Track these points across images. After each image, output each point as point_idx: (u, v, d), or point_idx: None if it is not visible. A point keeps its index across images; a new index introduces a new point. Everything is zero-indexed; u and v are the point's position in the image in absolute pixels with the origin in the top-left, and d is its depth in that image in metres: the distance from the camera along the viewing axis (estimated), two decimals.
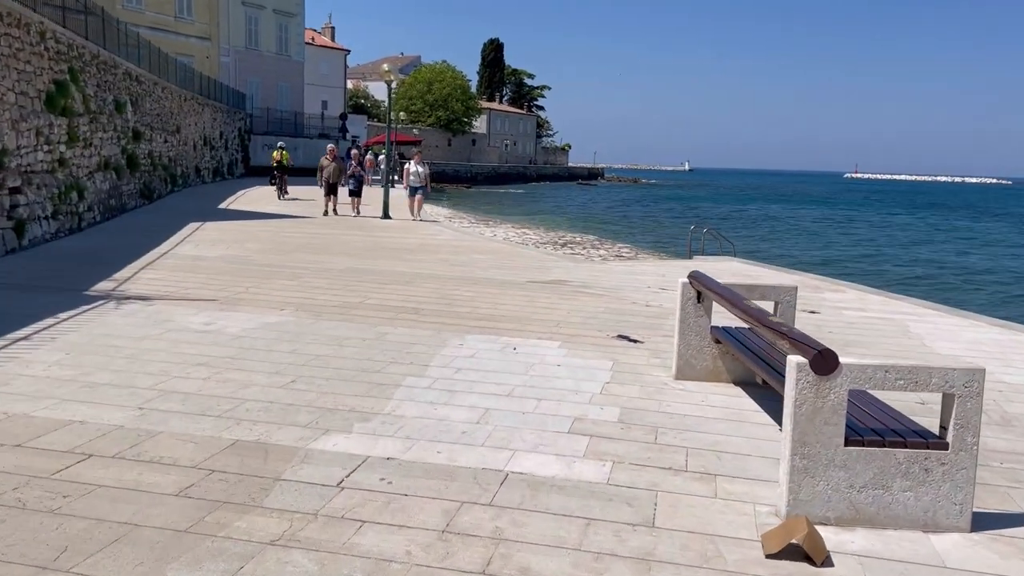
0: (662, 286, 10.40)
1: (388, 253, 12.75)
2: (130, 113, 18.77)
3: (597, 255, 17.63)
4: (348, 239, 14.52)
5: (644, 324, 7.81)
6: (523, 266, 12.04)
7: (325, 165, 19.61)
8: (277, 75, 49.68)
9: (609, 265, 12.78)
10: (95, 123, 14.83)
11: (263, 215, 18.75)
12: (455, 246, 14.44)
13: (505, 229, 24.83)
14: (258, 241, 13.42)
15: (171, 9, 36.88)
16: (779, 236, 32.98)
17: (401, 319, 7.43)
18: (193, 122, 29.67)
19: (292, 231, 15.43)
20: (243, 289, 8.67)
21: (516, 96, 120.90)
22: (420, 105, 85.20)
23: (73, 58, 13.97)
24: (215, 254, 11.54)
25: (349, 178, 19.91)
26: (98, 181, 14.79)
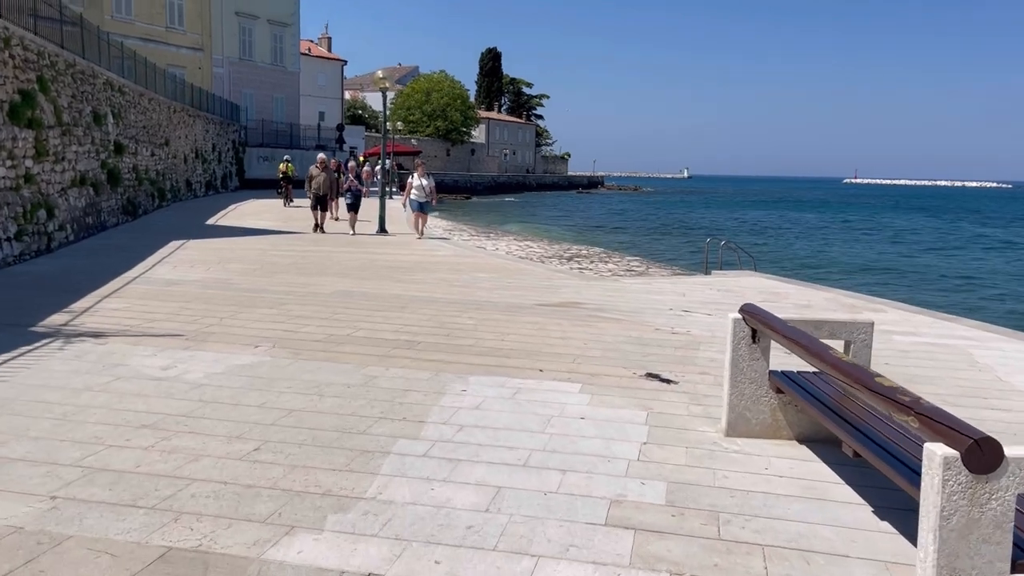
0: (685, 307, 9.39)
1: (383, 273, 11.75)
2: (111, 125, 17.81)
3: (606, 270, 16.62)
4: (340, 257, 13.52)
5: (673, 357, 6.80)
6: (530, 285, 11.03)
7: (314, 175, 18.14)
8: (272, 86, 48.83)
9: (623, 283, 11.77)
10: (68, 136, 13.85)
11: (252, 231, 17.76)
12: (455, 263, 13.44)
13: (507, 242, 23.82)
14: (242, 261, 12.42)
15: (162, 20, 36.01)
16: (792, 244, 31.99)
17: (394, 356, 6.41)
18: (184, 134, 28.74)
19: (281, 249, 14.43)
20: (216, 320, 7.65)
21: (515, 105, 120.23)
22: (418, 115, 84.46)
23: (44, 67, 13.01)
24: (193, 277, 10.54)
25: (346, 191, 18.39)
26: (72, 198, 13.80)
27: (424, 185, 17.18)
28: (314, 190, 18.00)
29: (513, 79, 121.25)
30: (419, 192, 17.27)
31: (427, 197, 17.32)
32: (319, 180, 17.98)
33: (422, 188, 17.22)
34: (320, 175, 18.03)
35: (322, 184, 18.00)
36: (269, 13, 47.40)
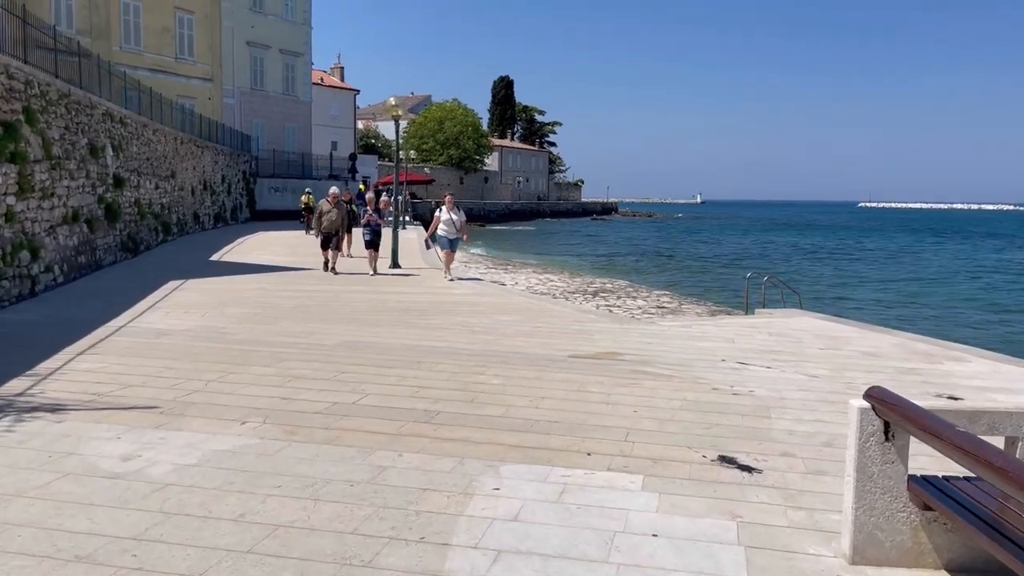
0: (739, 359, 8.24)
1: (395, 316, 10.66)
2: (110, 158, 16.93)
3: (636, 307, 15.47)
4: (349, 298, 12.45)
5: (743, 428, 5.65)
6: (559, 330, 9.91)
7: (325, 211, 15.96)
8: (284, 116, 48.28)
9: (661, 326, 10.62)
10: (59, 170, 12.93)
11: (257, 267, 16.76)
12: (474, 303, 12.34)
13: (526, 275, 22.71)
14: (243, 304, 11.37)
15: (171, 50, 35.49)
16: (824, 272, 30.70)
17: (408, 435, 5.29)
18: (191, 166, 27.96)
19: (286, 288, 13.40)
20: (201, 385, 6.57)
21: (527, 133, 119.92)
22: (431, 144, 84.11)
23: (32, 97, 12.12)
24: (185, 325, 9.48)
25: (364, 227, 16.19)
26: (61, 236, 12.84)
27: (454, 220, 15.16)
28: (324, 228, 16.02)
29: (526, 107, 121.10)
30: (448, 227, 15.21)
31: (457, 233, 15.31)
32: (331, 217, 15.95)
33: (451, 223, 15.18)
34: (332, 211, 15.96)
35: (334, 221, 15.99)
36: (281, 43, 46.98)
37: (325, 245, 16.16)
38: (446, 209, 15.39)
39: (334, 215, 15.94)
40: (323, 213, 16.03)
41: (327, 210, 16.01)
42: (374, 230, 15.99)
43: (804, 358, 8.45)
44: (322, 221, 15.96)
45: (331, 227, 15.98)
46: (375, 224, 16.06)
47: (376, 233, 16.01)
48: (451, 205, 15.49)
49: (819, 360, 8.35)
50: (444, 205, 15.56)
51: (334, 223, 15.97)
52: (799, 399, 6.64)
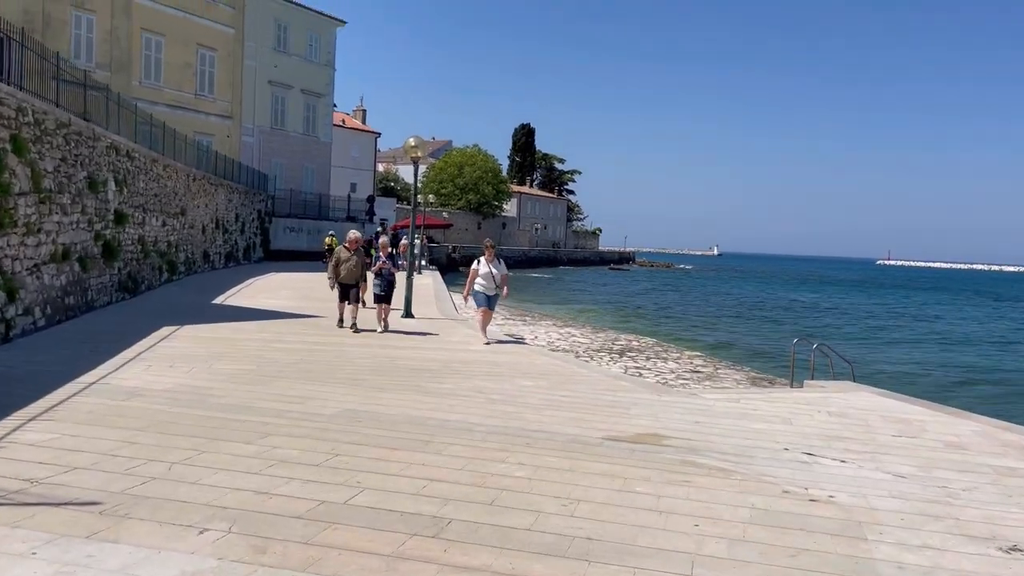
0: (804, 446, 7.00)
1: (404, 377, 9.50)
2: (112, 192, 16.05)
3: (669, 371, 14.22)
4: (355, 353, 11.31)
5: (840, 558, 4.42)
6: (589, 401, 8.71)
7: (344, 258, 13.53)
8: (303, 156, 47.89)
9: (705, 401, 9.38)
10: (48, 204, 11.99)
11: (261, 313, 15.70)
12: (492, 363, 11.16)
13: (547, 328, 21.50)
14: (236, 358, 10.25)
15: (192, 87, 35.13)
16: (867, 335, 29.28)
17: (409, 559, 4.09)
18: (203, 203, 27.21)
19: (288, 339, 12.29)
20: (163, 469, 5.40)
21: (547, 180, 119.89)
22: (450, 188, 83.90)
23: (24, 125, 11.23)
24: (165, 383, 8.35)
25: (377, 275, 14.12)
26: (47, 276, 11.84)
27: (494, 273, 13.11)
28: (343, 278, 13.60)
29: (546, 154, 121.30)
30: (487, 282, 13.11)
31: (496, 288, 13.26)
32: (350, 265, 13.55)
33: (490, 276, 13.11)
34: (351, 259, 13.58)
35: (352, 269, 13.59)
36: (303, 83, 46.80)
37: (343, 298, 13.79)
38: (485, 260, 13.23)
39: (353, 263, 13.56)
40: (340, 261, 13.55)
41: (345, 257, 13.56)
42: (388, 280, 14.03)
43: (879, 448, 7.20)
44: (339, 270, 13.53)
45: (350, 278, 13.59)
46: (388, 273, 14.07)
47: (390, 284, 14.04)
48: (492, 255, 13.24)
49: (898, 452, 7.08)
50: (483, 256, 13.33)
51: (353, 273, 13.61)
52: (894, 511, 5.38)
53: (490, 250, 13.31)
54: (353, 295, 13.71)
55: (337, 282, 13.61)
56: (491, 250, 13.31)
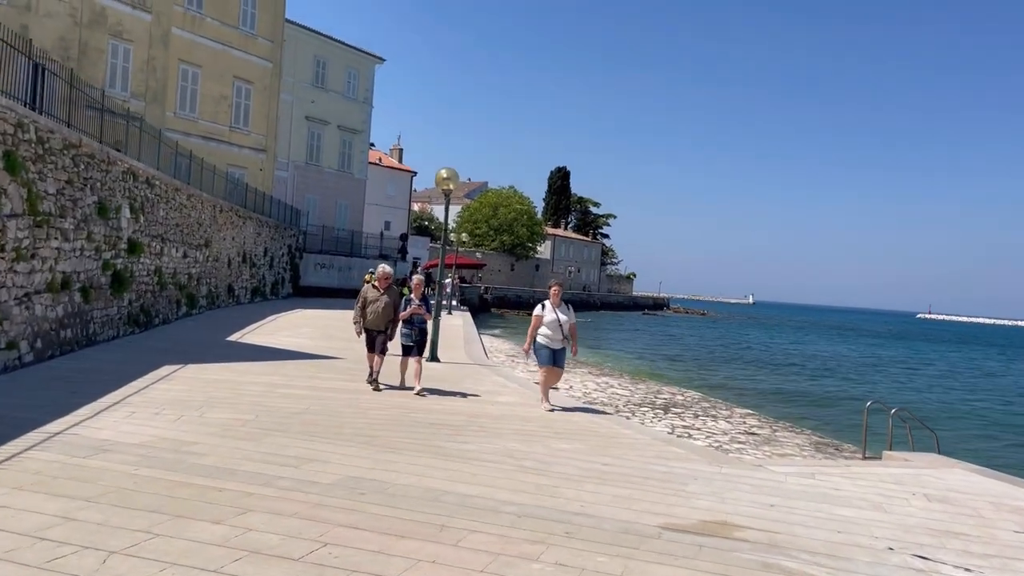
0: (910, 545, 5.58)
1: (422, 435, 8.21)
2: (126, 220, 15.16)
3: (721, 431, 12.73)
4: (368, 403, 10.06)
5: None
6: (638, 471, 7.34)
7: (371, 299, 11.08)
8: (337, 192, 47.43)
9: (774, 475, 7.95)
10: (46, 228, 11.03)
11: (275, 353, 14.57)
12: (523, 419, 9.84)
13: (583, 378, 20.08)
14: (234, 405, 9.06)
15: (226, 119, 34.75)
16: (930, 394, 27.35)
17: None
18: (230, 236, 26.43)
19: (297, 384, 11.09)
20: (97, 561, 4.17)
21: (581, 223, 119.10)
22: (485, 229, 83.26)
23: (21, 142, 10.33)
24: (143, 436, 7.17)
25: (405, 323, 11.21)
26: (39, 307, 10.83)
27: (561, 321, 10.39)
28: (368, 321, 11.09)
29: (581, 198, 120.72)
30: (552, 332, 10.40)
31: (563, 341, 10.51)
32: (378, 307, 11.04)
33: (557, 326, 10.40)
34: (380, 299, 11.06)
35: (381, 313, 11.06)
36: (340, 119, 46.55)
37: (371, 345, 11.21)
38: (550, 305, 10.51)
39: (382, 304, 11.04)
40: (368, 301, 11.11)
41: (373, 297, 11.09)
42: (420, 328, 11.24)
43: (1005, 549, 5.74)
44: (366, 312, 11.10)
45: (377, 322, 11.07)
46: (420, 320, 11.24)
47: (422, 332, 11.27)
48: (558, 299, 10.51)
49: None
50: (548, 300, 10.64)
51: (381, 316, 11.03)
52: None
53: (556, 292, 10.54)
54: (379, 343, 11.12)
55: (363, 326, 11.17)
56: (557, 293, 10.52)
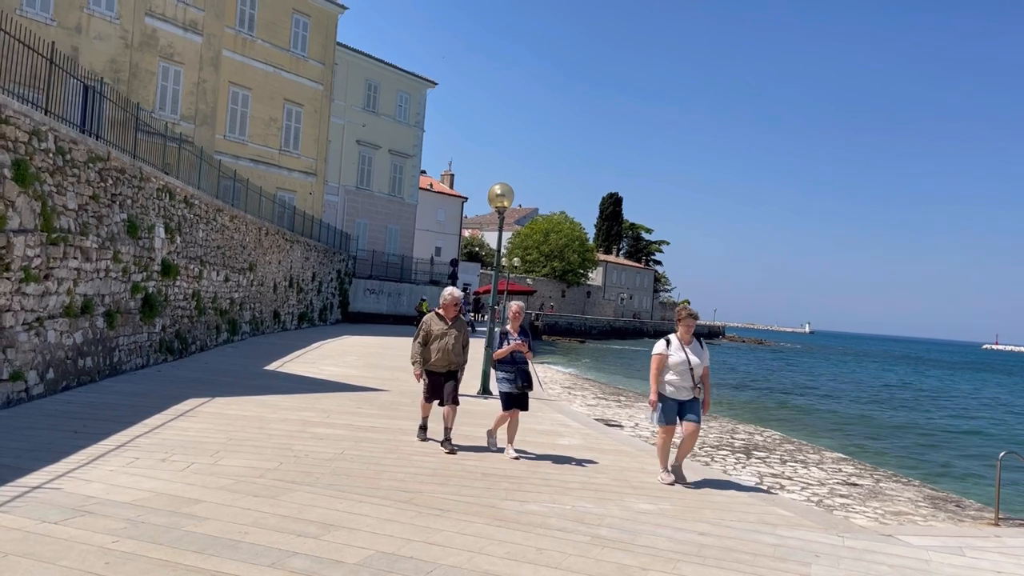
0: None
1: (473, 491, 6.84)
2: (161, 240, 14.24)
3: (816, 481, 11.04)
4: (411, 448, 8.72)
5: None
6: (743, 544, 5.83)
7: (438, 332, 8.53)
8: (387, 217, 46.75)
9: (911, 549, 6.37)
10: (64, 246, 10.05)
11: (315, 384, 13.39)
12: (593, 468, 8.40)
13: (648, 411, 18.47)
14: (257, 449, 7.81)
15: (276, 142, 34.28)
16: None
17: None
18: (276, 260, 25.62)
19: (333, 422, 9.83)
20: None
21: (633, 250, 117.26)
22: (535, 255, 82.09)
23: (34, 152, 9.37)
24: (137, 492, 5.94)
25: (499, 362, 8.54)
26: (52, 333, 9.81)
27: (692, 365, 7.76)
28: (433, 361, 8.50)
29: (633, 224, 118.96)
30: (681, 378, 7.77)
31: (694, 390, 7.80)
32: (446, 344, 8.47)
33: (687, 369, 7.74)
34: (449, 332, 8.53)
35: (451, 350, 8.49)
36: (391, 143, 45.98)
37: (434, 394, 8.59)
38: (678, 341, 7.88)
39: (452, 340, 8.47)
40: (433, 335, 8.48)
41: (440, 331, 8.48)
42: (522, 370, 8.41)
43: None
44: (429, 349, 8.47)
45: (446, 362, 8.50)
46: (523, 359, 8.45)
47: (526, 376, 8.48)
48: (690, 331, 7.95)
49: None
50: (676, 333, 7.99)
51: (451, 355, 8.47)
52: None
53: (688, 324, 7.85)
54: (448, 391, 8.48)
55: (424, 366, 8.52)
56: (690, 323, 7.85)
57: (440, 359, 8.51)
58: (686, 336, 7.99)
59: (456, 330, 8.60)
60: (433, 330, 8.57)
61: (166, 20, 28.45)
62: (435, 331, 8.56)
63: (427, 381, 8.63)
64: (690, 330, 7.99)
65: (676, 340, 7.97)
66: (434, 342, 8.52)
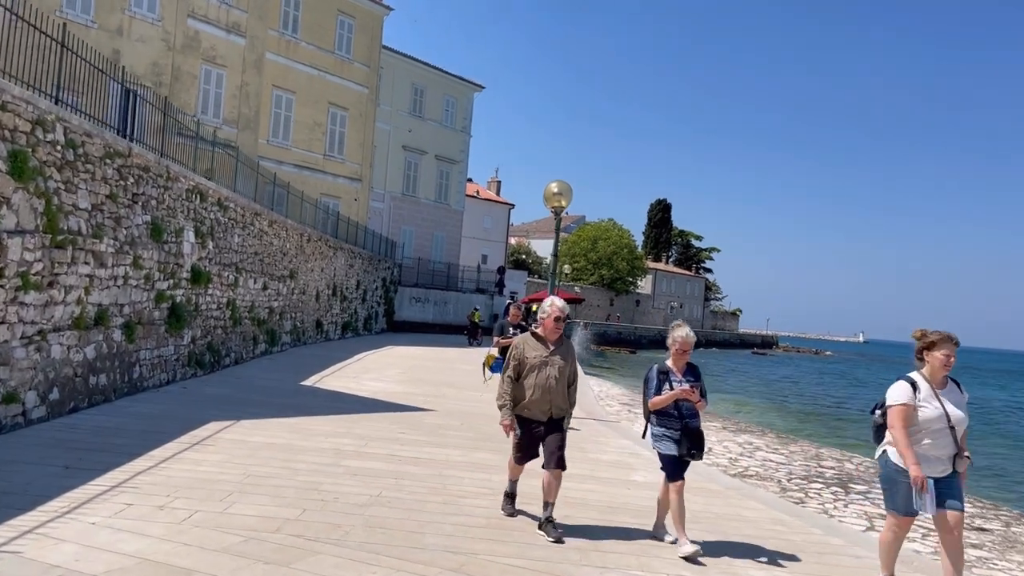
0: None
1: (538, 556, 5.45)
2: (191, 245, 13.19)
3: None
4: (460, 486, 7.35)
5: None
6: None
7: (535, 359, 5.92)
8: (434, 224, 45.72)
9: None
10: (71, 250, 8.95)
11: (354, 403, 12.14)
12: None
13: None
14: (277, 490, 6.53)
15: (320, 147, 33.44)
16: None
17: None
18: (318, 267, 24.61)
19: (370, 452, 8.52)
20: None
21: (683, 258, 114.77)
22: (583, 263, 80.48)
23: (42, 143, 8.30)
24: (114, 558, 4.68)
25: (662, 416, 5.91)
26: (59, 347, 8.70)
27: (954, 420, 5.04)
28: (531, 403, 5.89)
29: (682, 231, 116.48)
30: (937, 442, 5.04)
31: (950, 462, 5.08)
32: (547, 378, 5.86)
33: (946, 430, 5.02)
34: (552, 361, 5.93)
35: (556, 388, 5.89)
36: (438, 149, 44.97)
37: (530, 450, 6.05)
38: (924, 384, 5.14)
39: (556, 371, 5.91)
40: (528, 365, 5.92)
41: (538, 358, 5.93)
42: (691, 428, 5.85)
43: None
44: (523, 386, 5.91)
45: (545, 404, 5.91)
46: (691, 413, 5.89)
47: (697, 437, 5.85)
48: (945, 377, 5.16)
49: None
50: (917, 372, 5.23)
51: (554, 391, 5.91)
52: None
53: (946, 352, 5.07)
54: (550, 447, 5.90)
55: (518, 416, 5.95)
56: (950, 355, 5.07)
57: (538, 401, 5.85)
58: (941, 378, 5.12)
59: (561, 358, 5.92)
60: (528, 358, 5.89)
61: (208, 22, 27.77)
62: (531, 359, 5.89)
63: (518, 433, 5.93)
64: (949, 365, 5.06)
65: (924, 383, 5.09)
66: (529, 375, 5.86)
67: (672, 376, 5.92)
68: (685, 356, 5.95)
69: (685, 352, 5.93)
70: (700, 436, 5.85)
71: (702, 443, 5.86)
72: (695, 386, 5.85)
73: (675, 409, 5.85)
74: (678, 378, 5.91)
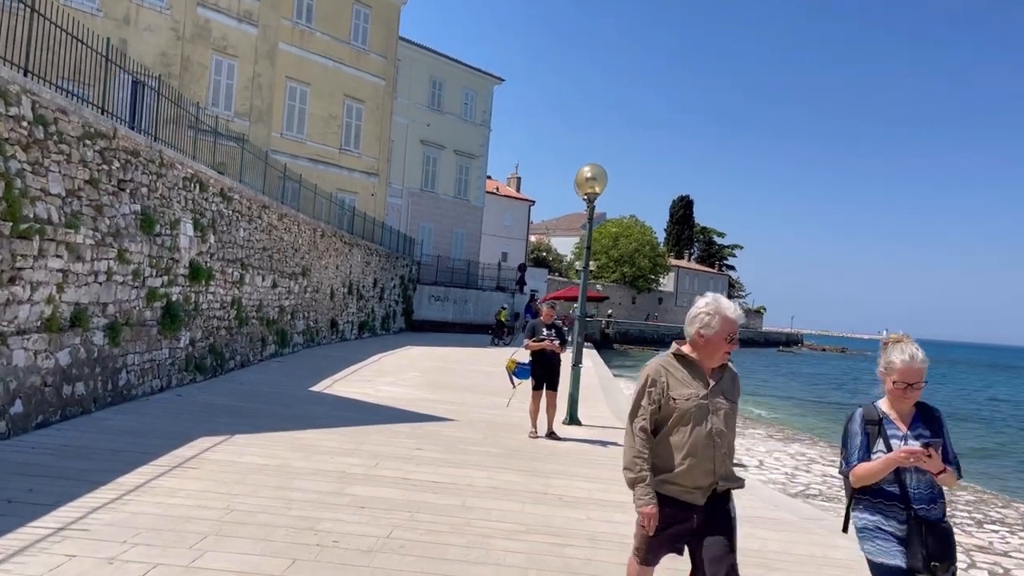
0: None
1: None
2: (189, 239, 12.05)
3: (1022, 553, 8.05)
4: (484, 508, 6.10)
5: None
6: None
7: (683, 403, 3.49)
8: (453, 220, 44.55)
9: None
10: (38, 241, 7.80)
11: (366, 412, 10.94)
12: (742, 548, 5.64)
13: (765, 442, 15.48)
14: (265, 529, 5.32)
15: (336, 140, 32.34)
16: None
17: None
18: (333, 264, 23.48)
19: (382, 473, 7.31)
20: None
21: (705, 255, 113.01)
22: (604, 260, 79.01)
23: (2, 116, 7.14)
24: None
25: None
26: (24, 353, 7.55)
27: None
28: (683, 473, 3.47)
29: (704, 228, 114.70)
30: None
31: None
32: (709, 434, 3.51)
33: None
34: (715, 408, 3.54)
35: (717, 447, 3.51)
36: (457, 143, 43.78)
37: (673, 544, 3.57)
38: None
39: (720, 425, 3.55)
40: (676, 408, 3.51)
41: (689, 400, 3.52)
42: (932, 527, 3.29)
43: None
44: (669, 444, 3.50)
45: (707, 473, 3.49)
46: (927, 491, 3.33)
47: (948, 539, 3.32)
48: None
49: None
50: None
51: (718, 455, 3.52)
52: None
53: None
54: (717, 555, 3.43)
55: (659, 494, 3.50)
56: None
57: (692, 470, 3.49)
58: None
59: (725, 399, 3.63)
60: (675, 399, 3.53)
61: (219, 10, 26.72)
62: (680, 402, 3.52)
63: (656, 525, 3.47)
64: None
65: None
66: (677, 429, 3.52)
67: (889, 426, 3.46)
68: (913, 395, 3.45)
69: (912, 387, 3.42)
70: (946, 536, 3.32)
71: (949, 549, 3.30)
72: (934, 445, 3.26)
73: (897, 485, 3.37)
74: (901, 432, 3.43)
